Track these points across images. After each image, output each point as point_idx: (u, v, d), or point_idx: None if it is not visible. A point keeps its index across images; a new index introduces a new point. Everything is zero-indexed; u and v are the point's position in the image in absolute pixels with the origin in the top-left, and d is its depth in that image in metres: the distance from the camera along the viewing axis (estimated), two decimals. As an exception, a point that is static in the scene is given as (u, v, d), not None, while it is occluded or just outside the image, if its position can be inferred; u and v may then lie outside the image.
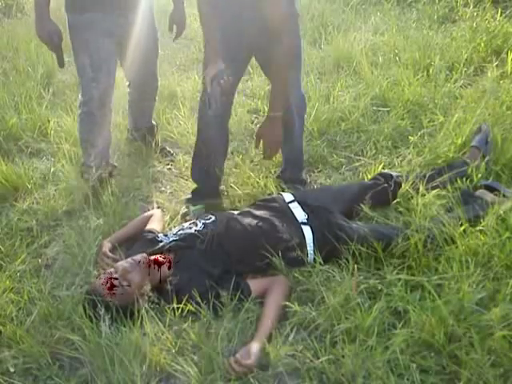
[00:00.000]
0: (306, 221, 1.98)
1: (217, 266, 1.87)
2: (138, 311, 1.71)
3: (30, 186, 2.50)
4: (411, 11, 3.94)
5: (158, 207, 2.40)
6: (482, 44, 3.27)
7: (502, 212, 1.90)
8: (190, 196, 2.40)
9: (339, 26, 3.79)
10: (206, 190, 2.36)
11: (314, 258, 1.89)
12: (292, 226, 1.96)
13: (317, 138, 2.72)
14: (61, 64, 2.34)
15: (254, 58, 2.29)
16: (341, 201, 2.11)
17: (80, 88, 2.42)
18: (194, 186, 2.42)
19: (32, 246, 2.19)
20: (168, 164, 2.76)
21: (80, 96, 2.44)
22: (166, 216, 2.34)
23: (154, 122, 2.90)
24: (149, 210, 2.34)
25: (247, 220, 1.98)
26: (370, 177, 2.33)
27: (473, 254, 1.80)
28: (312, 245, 1.93)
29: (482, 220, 1.91)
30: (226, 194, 2.38)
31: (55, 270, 2.07)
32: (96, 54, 2.31)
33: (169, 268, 1.86)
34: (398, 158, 2.52)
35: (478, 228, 1.88)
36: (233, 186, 2.41)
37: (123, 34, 2.39)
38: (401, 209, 2.13)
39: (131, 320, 1.70)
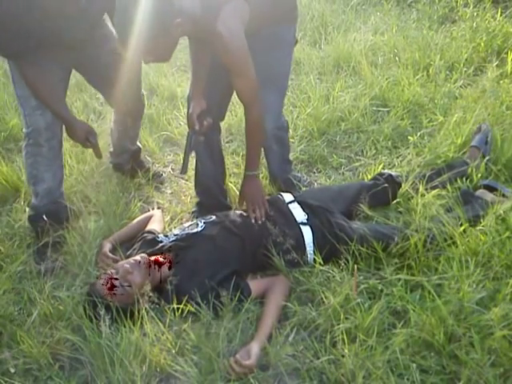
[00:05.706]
0: (305, 221, 1.98)
1: (217, 266, 1.87)
2: (139, 311, 1.71)
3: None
4: (411, 11, 3.94)
5: (159, 208, 2.40)
6: (482, 44, 3.27)
7: (501, 212, 1.90)
8: (195, 209, 2.34)
9: (339, 27, 3.79)
10: (211, 203, 2.30)
11: (314, 258, 1.89)
12: (291, 227, 1.96)
13: (317, 138, 2.72)
14: (99, 156, 2.21)
15: None
16: (341, 201, 2.11)
17: (23, 120, 2.13)
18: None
19: (32, 247, 2.20)
20: (168, 165, 2.77)
21: (24, 128, 2.15)
22: (167, 216, 2.34)
23: (139, 145, 2.68)
24: (149, 211, 2.34)
25: (247, 220, 1.99)
26: (369, 177, 2.33)
27: (473, 254, 1.80)
28: (312, 245, 1.93)
29: (481, 220, 1.91)
30: (226, 193, 2.37)
31: (55, 270, 2.07)
32: None
33: (169, 268, 1.86)
34: (397, 158, 2.52)
35: (478, 228, 1.88)
36: (233, 186, 2.41)
37: (80, 66, 2.19)
38: (401, 209, 2.14)
39: (131, 320, 1.70)
